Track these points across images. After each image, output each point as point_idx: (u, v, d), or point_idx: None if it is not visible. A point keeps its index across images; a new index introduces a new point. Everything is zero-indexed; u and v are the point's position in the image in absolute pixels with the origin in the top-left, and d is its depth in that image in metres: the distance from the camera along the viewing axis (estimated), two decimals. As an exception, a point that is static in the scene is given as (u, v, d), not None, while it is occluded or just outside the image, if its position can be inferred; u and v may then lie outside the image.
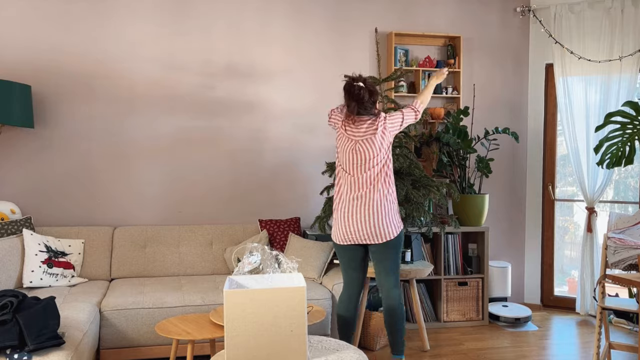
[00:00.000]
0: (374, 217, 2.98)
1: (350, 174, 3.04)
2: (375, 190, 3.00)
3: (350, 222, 3.01)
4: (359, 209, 3.00)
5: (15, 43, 3.98)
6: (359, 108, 3.05)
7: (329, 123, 3.21)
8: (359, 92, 3.05)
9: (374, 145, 3.02)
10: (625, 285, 2.65)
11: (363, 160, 3.02)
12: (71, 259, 3.72)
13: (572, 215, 5.03)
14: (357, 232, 3.00)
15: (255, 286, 2.38)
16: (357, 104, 3.05)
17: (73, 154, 4.10)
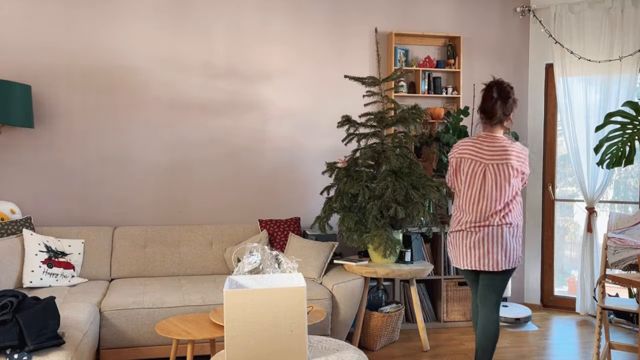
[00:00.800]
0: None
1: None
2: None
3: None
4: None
5: (15, 43, 3.98)
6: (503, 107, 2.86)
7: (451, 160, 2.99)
8: (509, 91, 2.87)
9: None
10: (625, 285, 2.65)
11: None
12: (71, 259, 3.72)
13: (572, 215, 5.03)
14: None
15: (255, 286, 2.38)
16: (502, 102, 2.85)
17: (73, 154, 4.10)
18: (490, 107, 2.88)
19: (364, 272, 3.65)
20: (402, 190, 3.56)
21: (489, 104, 2.88)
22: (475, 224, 2.87)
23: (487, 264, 2.85)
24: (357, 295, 3.65)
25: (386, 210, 3.61)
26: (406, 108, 3.77)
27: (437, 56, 4.77)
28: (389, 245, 3.57)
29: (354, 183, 3.65)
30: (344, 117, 3.86)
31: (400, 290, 4.28)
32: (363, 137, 3.85)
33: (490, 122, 2.92)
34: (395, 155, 3.61)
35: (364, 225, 3.68)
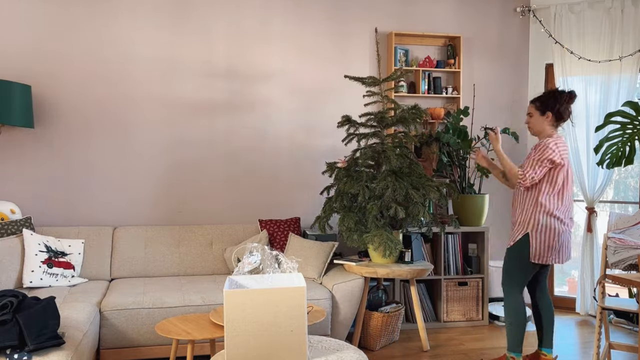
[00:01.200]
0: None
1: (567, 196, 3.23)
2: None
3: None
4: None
5: (15, 43, 3.98)
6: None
7: (552, 160, 3.13)
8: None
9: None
10: (625, 285, 2.65)
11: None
12: (71, 259, 3.72)
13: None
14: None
15: (255, 286, 2.38)
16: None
17: (73, 154, 4.10)
18: (570, 112, 3.27)
19: (364, 272, 3.65)
20: (402, 190, 3.56)
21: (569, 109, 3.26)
22: (570, 221, 3.24)
23: (568, 257, 3.27)
24: (357, 295, 3.65)
25: (386, 210, 3.61)
26: (406, 108, 3.77)
27: (437, 56, 4.77)
28: (389, 245, 3.57)
29: (354, 183, 3.65)
30: (344, 117, 3.86)
31: (400, 290, 4.28)
32: (363, 137, 3.85)
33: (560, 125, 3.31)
34: (395, 155, 3.61)
35: (364, 225, 3.68)
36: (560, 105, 3.19)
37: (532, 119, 3.28)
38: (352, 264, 3.73)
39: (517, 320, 3.21)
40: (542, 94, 3.28)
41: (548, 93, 3.25)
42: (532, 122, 3.28)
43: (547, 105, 3.22)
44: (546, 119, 3.23)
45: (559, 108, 3.20)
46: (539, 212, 3.14)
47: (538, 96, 3.29)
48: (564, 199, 3.17)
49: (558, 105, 3.19)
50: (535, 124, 3.27)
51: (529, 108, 3.31)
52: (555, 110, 3.20)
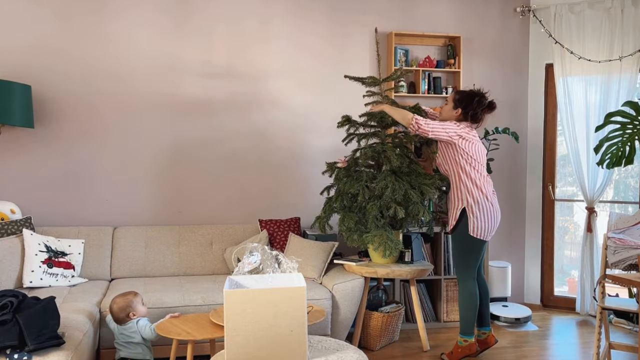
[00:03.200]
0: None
1: (486, 174, 3.42)
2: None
3: (498, 217, 3.42)
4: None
5: (15, 43, 3.98)
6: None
7: (459, 134, 3.32)
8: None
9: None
10: (625, 285, 2.65)
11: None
12: (71, 259, 3.72)
13: (572, 215, 5.03)
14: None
15: (255, 286, 2.38)
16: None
17: (73, 154, 4.10)
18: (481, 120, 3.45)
19: (364, 272, 3.65)
20: (401, 190, 3.56)
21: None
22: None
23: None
24: (357, 295, 3.65)
25: (386, 210, 3.61)
26: (406, 108, 3.77)
27: (437, 56, 4.77)
28: (389, 245, 3.57)
29: (354, 183, 3.65)
30: (344, 117, 3.86)
31: (400, 290, 4.28)
32: (363, 137, 3.85)
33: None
34: (395, 155, 3.61)
35: (364, 225, 3.68)
36: (474, 110, 3.37)
37: (444, 107, 3.49)
38: (352, 264, 3.73)
39: (474, 303, 3.42)
40: (467, 91, 3.43)
41: (471, 93, 3.40)
42: (444, 109, 3.50)
43: (461, 102, 3.39)
44: (455, 113, 3.41)
45: (470, 112, 3.37)
46: (473, 188, 3.37)
47: (463, 90, 3.44)
48: (485, 177, 3.38)
49: (471, 108, 3.37)
50: (444, 112, 3.49)
51: (450, 95, 3.48)
52: (467, 111, 3.37)
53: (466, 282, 3.44)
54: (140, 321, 2.97)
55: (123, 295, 3.02)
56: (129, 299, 2.99)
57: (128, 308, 2.97)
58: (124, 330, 2.96)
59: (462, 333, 3.48)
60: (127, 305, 2.97)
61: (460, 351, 3.49)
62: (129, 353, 2.96)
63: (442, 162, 3.49)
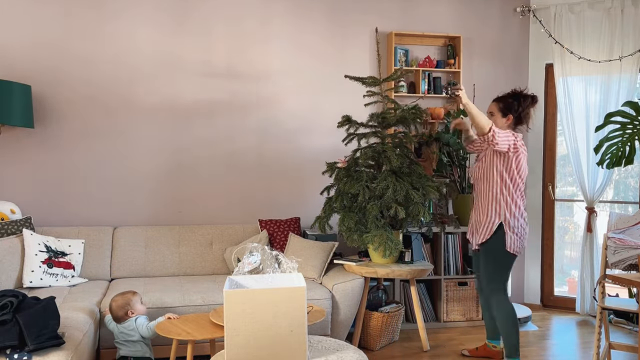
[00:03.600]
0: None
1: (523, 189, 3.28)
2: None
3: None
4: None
5: (15, 43, 3.98)
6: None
7: (517, 147, 3.13)
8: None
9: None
10: (625, 285, 2.65)
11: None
12: (71, 259, 3.72)
13: (572, 215, 5.03)
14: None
15: (255, 286, 2.38)
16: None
17: (73, 154, 4.10)
18: (530, 117, 3.27)
19: (364, 272, 3.65)
20: (402, 191, 3.56)
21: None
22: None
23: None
24: (357, 295, 3.65)
25: (386, 210, 3.61)
26: (406, 108, 3.77)
27: (437, 56, 4.77)
28: (389, 246, 3.57)
29: (354, 183, 3.65)
30: (344, 117, 3.86)
31: (400, 290, 4.28)
32: (363, 137, 3.85)
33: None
34: (395, 155, 3.61)
35: (364, 225, 3.68)
36: (523, 109, 3.19)
37: (493, 119, 3.26)
38: (352, 264, 3.73)
39: (517, 319, 3.25)
40: (506, 94, 3.25)
41: (513, 95, 3.22)
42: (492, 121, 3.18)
43: (510, 108, 3.20)
44: (507, 122, 3.23)
45: (521, 112, 3.20)
46: (512, 204, 3.20)
47: (502, 96, 3.25)
48: (523, 192, 3.26)
49: (521, 108, 3.18)
50: (494, 124, 3.21)
51: (491, 107, 3.28)
52: (516, 114, 3.20)
53: (503, 298, 3.23)
54: (139, 319, 2.99)
55: (122, 294, 3.03)
56: (128, 297, 3.01)
57: (126, 306, 2.99)
58: (123, 329, 2.97)
59: (508, 356, 3.24)
60: (125, 303, 2.99)
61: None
62: (128, 351, 2.97)
63: (484, 173, 3.26)
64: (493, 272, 3.23)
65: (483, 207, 3.27)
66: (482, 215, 3.27)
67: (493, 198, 3.22)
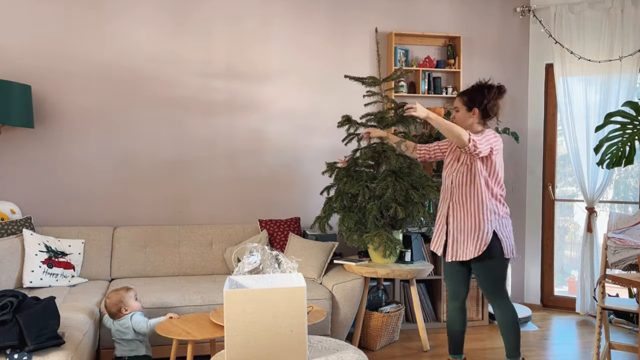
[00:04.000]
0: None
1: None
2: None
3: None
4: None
5: (15, 43, 3.98)
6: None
7: (495, 147, 2.94)
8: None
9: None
10: (625, 285, 2.65)
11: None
12: (71, 259, 3.72)
13: (572, 215, 5.03)
14: None
15: (255, 286, 2.38)
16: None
17: (73, 154, 4.10)
18: (498, 108, 3.06)
19: (364, 272, 3.65)
20: (402, 191, 3.56)
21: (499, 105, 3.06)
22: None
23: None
24: (357, 295, 3.65)
25: (386, 210, 3.61)
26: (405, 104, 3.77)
27: (437, 56, 4.77)
28: (389, 245, 3.57)
29: (354, 183, 3.65)
30: (344, 117, 3.86)
31: (400, 290, 4.28)
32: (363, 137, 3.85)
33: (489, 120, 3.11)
34: (395, 155, 3.61)
35: (364, 225, 3.68)
36: (488, 101, 2.99)
37: (458, 115, 3.06)
38: (352, 264, 3.73)
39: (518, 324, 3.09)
40: (469, 88, 3.06)
41: (477, 87, 3.03)
42: (457, 118, 3.05)
43: (474, 101, 3.00)
44: (472, 116, 3.02)
45: (487, 104, 2.99)
46: (497, 205, 2.99)
47: (466, 89, 3.07)
48: (502, 187, 3.05)
49: (485, 100, 2.98)
50: (460, 120, 3.04)
51: (456, 102, 3.08)
52: (482, 107, 2.99)
53: (508, 301, 3.06)
54: (135, 316, 2.98)
55: (115, 290, 3.04)
56: (121, 294, 3.01)
57: (120, 303, 2.99)
58: (118, 326, 2.98)
59: (509, 357, 3.09)
60: (118, 300, 2.99)
61: None
62: (122, 351, 2.98)
63: (466, 179, 3.00)
64: (497, 281, 3.03)
65: (470, 216, 2.99)
66: (470, 225, 2.99)
67: (482, 206, 2.96)
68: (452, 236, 3.05)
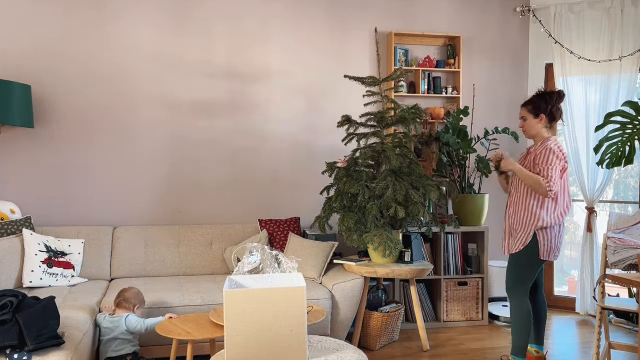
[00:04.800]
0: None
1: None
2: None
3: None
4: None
5: (15, 43, 3.98)
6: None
7: (563, 166, 3.18)
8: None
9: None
10: (625, 285, 2.65)
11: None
12: (71, 259, 3.72)
13: (572, 215, 5.03)
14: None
15: (255, 286, 2.38)
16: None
17: (73, 153, 4.10)
18: (562, 112, 3.31)
19: (364, 272, 3.65)
20: (402, 191, 3.56)
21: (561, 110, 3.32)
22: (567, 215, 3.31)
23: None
24: (357, 295, 3.65)
25: (386, 210, 3.61)
26: (406, 108, 3.77)
27: (437, 56, 4.77)
28: (389, 245, 3.57)
29: (354, 183, 3.65)
30: (344, 117, 3.86)
31: (400, 290, 4.28)
32: (363, 137, 3.85)
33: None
34: (395, 155, 3.61)
35: (364, 225, 3.68)
36: (552, 106, 3.25)
37: (527, 123, 3.31)
38: (352, 264, 3.73)
39: (528, 323, 3.21)
40: (532, 97, 3.33)
41: (538, 95, 3.30)
42: (526, 126, 3.30)
43: (540, 108, 3.27)
44: (540, 122, 3.27)
45: (551, 109, 3.25)
46: (545, 213, 3.16)
47: (529, 99, 3.33)
48: (565, 199, 3.21)
49: (550, 106, 3.25)
50: (530, 127, 3.30)
51: (522, 112, 3.35)
52: (547, 112, 3.25)
53: (521, 300, 3.24)
54: (130, 317, 3.05)
55: (137, 290, 3.16)
56: (142, 297, 3.15)
57: (141, 302, 3.11)
58: (109, 324, 3.02)
59: (515, 354, 3.27)
60: (142, 300, 3.12)
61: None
62: (110, 352, 3.02)
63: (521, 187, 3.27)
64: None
65: (519, 210, 3.32)
66: (518, 219, 3.31)
67: (528, 203, 3.27)
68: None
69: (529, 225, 3.20)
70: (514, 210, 3.30)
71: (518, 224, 3.25)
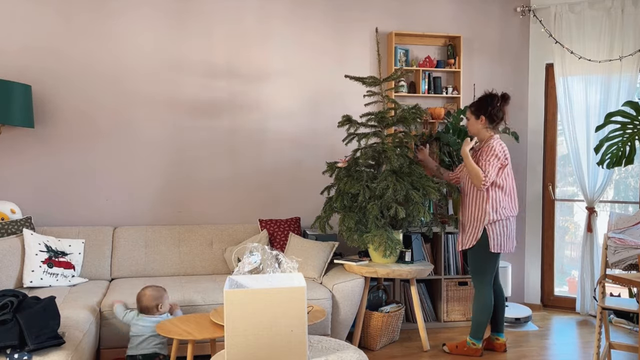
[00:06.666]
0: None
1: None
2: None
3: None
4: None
5: (15, 43, 3.98)
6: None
7: (502, 163, 3.44)
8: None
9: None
10: (625, 285, 2.65)
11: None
12: (71, 259, 3.72)
13: (572, 215, 5.03)
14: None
15: (255, 286, 2.38)
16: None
17: (73, 153, 4.10)
18: (503, 114, 3.51)
19: (364, 272, 3.65)
20: (402, 191, 3.56)
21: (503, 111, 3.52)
22: (516, 213, 3.55)
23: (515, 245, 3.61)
24: (357, 295, 3.65)
25: (386, 210, 3.61)
26: (406, 108, 3.77)
27: (437, 56, 4.77)
28: (389, 245, 3.57)
29: (355, 183, 3.65)
30: (344, 117, 3.86)
31: (400, 290, 4.28)
32: (363, 137, 3.85)
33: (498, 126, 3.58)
34: (395, 155, 3.61)
35: (364, 225, 3.68)
36: (493, 107, 3.45)
37: (469, 123, 3.57)
38: (352, 264, 3.73)
39: (488, 310, 3.51)
40: (477, 98, 3.54)
41: (482, 98, 3.51)
42: (468, 125, 3.58)
43: (480, 109, 3.49)
44: (480, 122, 3.50)
45: (491, 111, 3.46)
46: (492, 209, 3.42)
47: (474, 101, 3.56)
48: (511, 196, 3.50)
49: (490, 108, 3.45)
50: (470, 126, 3.57)
51: (467, 113, 3.60)
52: (487, 114, 3.47)
53: (484, 289, 3.53)
54: (118, 307, 3.16)
55: (155, 287, 3.15)
56: (162, 292, 3.14)
57: (160, 299, 3.12)
58: (138, 321, 3.06)
59: (472, 336, 3.59)
60: (160, 295, 3.12)
61: (465, 350, 3.60)
62: (139, 349, 3.04)
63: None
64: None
65: (470, 208, 3.59)
66: (470, 215, 3.58)
67: (478, 199, 3.53)
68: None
69: (479, 220, 3.44)
70: (464, 206, 3.56)
71: (468, 220, 3.50)
